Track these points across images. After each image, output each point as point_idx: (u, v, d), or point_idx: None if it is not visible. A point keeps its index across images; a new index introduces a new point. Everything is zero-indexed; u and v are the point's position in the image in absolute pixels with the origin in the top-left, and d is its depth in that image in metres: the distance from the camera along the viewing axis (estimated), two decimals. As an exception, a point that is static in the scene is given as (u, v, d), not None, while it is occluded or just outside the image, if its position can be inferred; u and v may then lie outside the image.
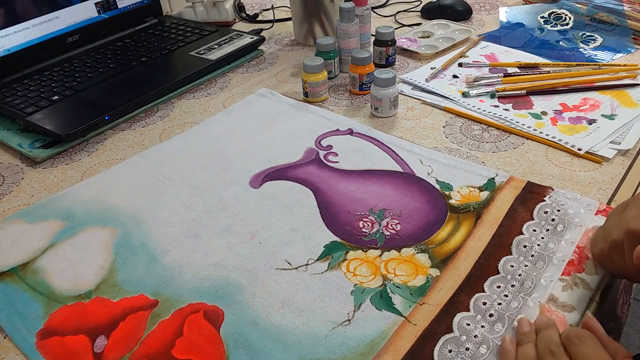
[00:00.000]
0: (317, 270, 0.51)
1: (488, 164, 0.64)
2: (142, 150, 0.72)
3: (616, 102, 0.74)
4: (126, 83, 0.85)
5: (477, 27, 1.00)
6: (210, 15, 1.09)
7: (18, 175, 0.69)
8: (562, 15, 0.98)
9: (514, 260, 0.50)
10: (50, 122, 0.75)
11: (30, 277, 0.53)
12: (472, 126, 0.72)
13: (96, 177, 0.67)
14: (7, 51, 0.87)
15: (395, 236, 0.55)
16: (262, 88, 0.85)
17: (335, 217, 0.58)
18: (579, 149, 0.65)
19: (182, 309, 0.48)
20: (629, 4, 0.96)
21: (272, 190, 0.63)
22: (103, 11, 0.99)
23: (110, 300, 0.50)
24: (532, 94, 0.77)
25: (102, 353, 0.45)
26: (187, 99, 0.85)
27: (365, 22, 0.89)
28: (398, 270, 0.51)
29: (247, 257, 0.54)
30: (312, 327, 0.46)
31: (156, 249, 0.55)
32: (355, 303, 0.48)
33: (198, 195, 0.63)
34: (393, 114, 0.76)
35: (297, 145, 0.70)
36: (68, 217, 0.61)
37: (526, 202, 0.57)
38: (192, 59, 0.91)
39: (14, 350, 0.46)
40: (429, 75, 0.83)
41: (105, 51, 0.96)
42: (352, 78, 0.81)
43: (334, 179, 0.64)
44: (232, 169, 0.67)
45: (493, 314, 0.45)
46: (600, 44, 0.90)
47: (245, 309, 0.48)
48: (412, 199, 0.59)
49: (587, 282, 0.47)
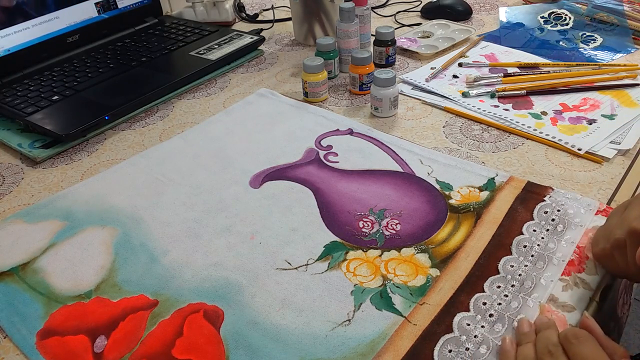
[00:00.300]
0: (317, 270, 0.51)
1: (488, 164, 0.64)
2: (142, 150, 0.72)
3: (616, 102, 0.74)
4: (126, 83, 0.85)
5: (477, 27, 1.00)
6: (210, 15, 1.09)
7: (18, 175, 0.69)
8: (562, 15, 0.98)
9: (514, 260, 0.50)
10: (50, 122, 0.75)
11: (30, 277, 0.53)
12: (472, 126, 0.72)
13: (96, 177, 0.67)
14: (7, 51, 0.87)
15: (395, 236, 0.55)
16: (262, 88, 0.85)
17: (335, 217, 0.58)
18: (579, 149, 0.65)
19: (182, 309, 0.48)
20: (629, 4, 0.96)
21: (272, 190, 0.63)
22: (103, 11, 0.99)
23: (110, 300, 0.50)
24: (532, 94, 0.77)
25: (102, 353, 0.45)
26: (187, 99, 0.85)
27: (365, 22, 0.89)
28: (398, 270, 0.51)
29: (247, 257, 0.54)
30: (312, 327, 0.46)
31: (156, 249, 0.55)
32: (355, 303, 0.48)
33: (198, 195, 0.63)
34: (393, 114, 0.76)
35: (297, 145, 0.70)
36: (68, 217, 0.61)
37: (526, 202, 0.57)
38: (192, 59, 0.91)
39: (14, 350, 0.46)
40: (429, 75, 0.83)
41: (105, 51, 0.96)
42: (352, 78, 0.81)
43: (334, 179, 0.64)
44: (232, 169, 0.67)
45: (493, 314, 0.45)
46: (600, 44, 0.90)
47: (245, 309, 0.48)
48: (412, 199, 0.59)
49: (587, 282, 0.47)
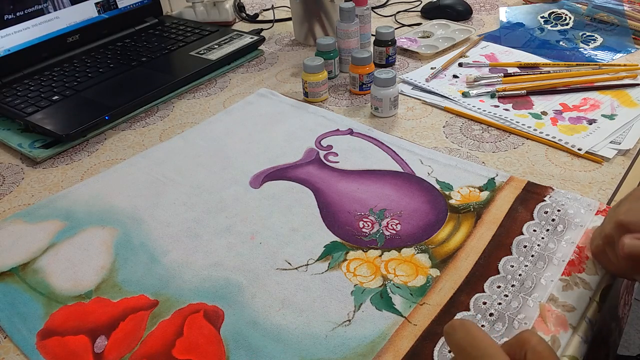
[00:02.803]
0: (318, 271, 0.51)
1: (488, 164, 0.64)
2: (142, 150, 0.72)
3: (616, 102, 0.73)
4: (126, 83, 0.85)
5: (477, 27, 1.00)
6: (211, 15, 1.09)
7: (18, 175, 0.69)
8: (562, 15, 0.98)
9: (514, 260, 0.50)
10: (51, 122, 0.75)
11: (31, 277, 0.53)
12: (472, 126, 0.72)
13: (96, 177, 0.67)
14: (7, 51, 0.87)
15: (395, 236, 0.55)
16: (262, 88, 0.85)
17: (335, 217, 0.58)
18: (579, 149, 0.65)
19: (182, 309, 0.48)
20: (629, 4, 0.96)
21: (272, 190, 0.63)
22: (103, 11, 0.99)
23: (111, 301, 0.50)
24: (532, 94, 0.77)
25: (103, 353, 0.45)
26: (187, 99, 0.85)
27: (366, 22, 0.89)
28: (398, 270, 0.51)
29: (247, 257, 0.54)
30: (313, 328, 0.46)
31: (156, 249, 0.55)
32: (356, 303, 0.48)
33: (198, 196, 0.63)
34: (393, 114, 0.76)
35: (297, 145, 0.70)
36: (68, 217, 0.61)
37: (526, 202, 0.57)
38: (192, 59, 0.91)
39: (14, 350, 0.46)
40: (429, 75, 0.83)
41: (105, 51, 0.96)
42: (352, 78, 0.81)
43: (334, 179, 0.64)
44: (232, 169, 0.67)
45: (493, 313, 0.45)
46: (600, 44, 0.90)
47: (245, 309, 0.48)
48: (412, 199, 0.59)
49: (587, 282, 0.47)
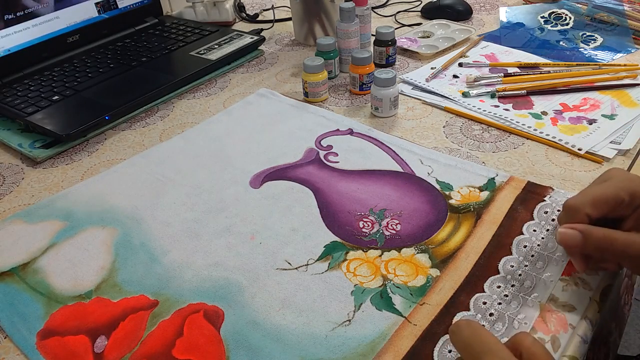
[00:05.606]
0: (318, 271, 0.51)
1: (488, 164, 0.64)
2: (143, 150, 0.72)
3: (616, 102, 0.73)
4: (126, 83, 0.85)
5: (477, 27, 1.00)
6: (211, 15, 1.09)
7: (18, 175, 0.69)
8: (562, 15, 0.98)
9: (514, 260, 0.50)
10: (51, 122, 0.75)
11: (31, 277, 0.53)
12: (472, 126, 0.72)
13: (96, 177, 0.67)
14: (7, 51, 0.87)
15: (395, 236, 0.55)
16: (262, 88, 0.85)
17: (335, 217, 0.58)
18: (580, 149, 0.65)
19: (182, 309, 0.48)
20: (629, 4, 0.96)
21: (272, 190, 0.63)
22: (103, 11, 0.99)
23: (111, 301, 0.50)
24: (533, 94, 0.77)
25: (103, 353, 0.45)
26: (187, 99, 0.85)
27: (366, 22, 0.89)
28: (398, 270, 0.51)
29: (247, 257, 0.54)
30: (313, 328, 0.46)
31: (156, 249, 0.55)
32: (356, 303, 0.48)
33: (198, 195, 0.63)
34: (393, 114, 0.76)
35: (297, 145, 0.70)
36: (68, 217, 0.61)
37: (526, 202, 0.57)
38: (192, 59, 0.91)
39: (14, 350, 0.46)
40: (429, 75, 0.83)
41: (105, 51, 0.96)
42: (352, 78, 0.81)
43: (334, 179, 0.64)
44: (232, 169, 0.67)
45: (493, 313, 0.45)
46: (600, 44, 0.90)
47: (245, 309, 0.48)
48: (412, 199, 0.59)
49: (587, 282, 0.47)
